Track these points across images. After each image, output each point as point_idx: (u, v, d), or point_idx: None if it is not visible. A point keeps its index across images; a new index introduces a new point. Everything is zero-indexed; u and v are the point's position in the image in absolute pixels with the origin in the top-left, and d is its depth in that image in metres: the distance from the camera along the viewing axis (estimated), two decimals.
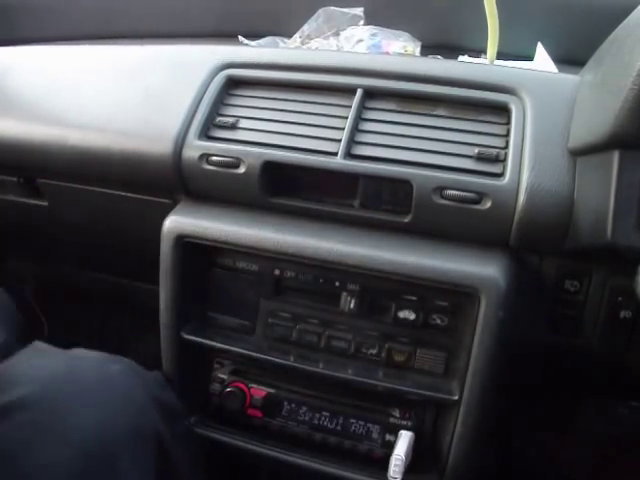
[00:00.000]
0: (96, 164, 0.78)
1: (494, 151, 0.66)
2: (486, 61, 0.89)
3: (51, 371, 0.64)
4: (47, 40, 1.09)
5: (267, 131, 0.72)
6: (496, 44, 0.87)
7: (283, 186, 0.72)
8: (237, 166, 0.71)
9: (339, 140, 0.69)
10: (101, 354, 0.69)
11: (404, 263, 0.66)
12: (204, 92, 0.76)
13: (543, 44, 0.92)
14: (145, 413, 0.65)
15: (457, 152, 0.67)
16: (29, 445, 0.57)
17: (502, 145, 0.67)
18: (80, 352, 0.69)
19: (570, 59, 0.87)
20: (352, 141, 0.69)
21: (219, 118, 0.75)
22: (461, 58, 0.92)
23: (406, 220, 0.68)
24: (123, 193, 0.82)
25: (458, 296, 0.66)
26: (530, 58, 0.91)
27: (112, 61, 0.88)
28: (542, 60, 0.89)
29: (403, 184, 0.67)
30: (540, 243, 0.65)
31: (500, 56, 0.89)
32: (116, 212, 0.86)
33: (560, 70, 0.86)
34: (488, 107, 0.69)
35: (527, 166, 0.64)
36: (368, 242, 0.68)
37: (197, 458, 0.75)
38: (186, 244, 0.73)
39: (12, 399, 0.59)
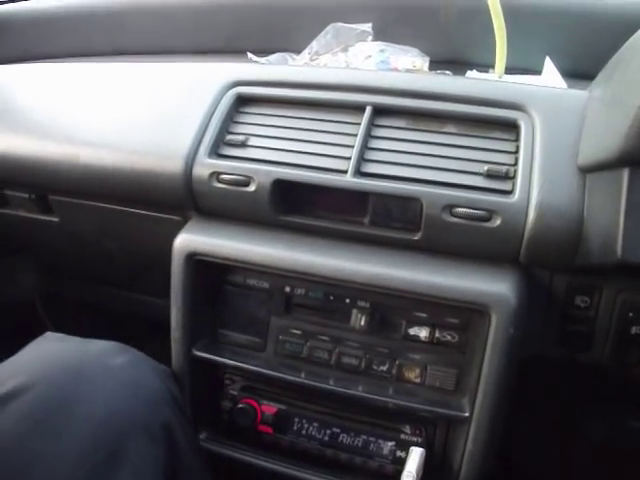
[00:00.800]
0: (107, 182, 0.79)
1: (503, 168, 0.66)
2: (494, 76, 0.89)
3: (52, 361, 0.63)
4: (56, 57, 1.09)
5: (277, 149, 0.73)
6: (504, 59, 0.88)
7: (293, 204, 0.72)
8: (247, 184, 0.72)
9: (349, 158, 0.69)
10: (110, 344, 0.68)
11: (414, 280, 0.66)
12: (214, 110, 0.76)
13: (551, 58, 0.92)
14: (153, 406, 0.65)
15: (466, 169, 0.67)
16: (25, 437, 0.56)
17: (511, 162, 0.67)
18: (89, 342, 0.68)
19: (578, 73, 0.87)
20: (362, 159, 0.69)
21: (229, 136, 0.75)
22: (469, 73, 0.92)
23: (416, 238, 0.68)
24: (134, 210, 0.82)
25: (469, 313, 0.66)
26: (538, 72, 0.91)
27: (123, 79, 0.89)
28: (550, 74, 0.90)
29: (413, 202, 0.67)
30: (550, 260, 0.65)
31: (508, 71, 0.89)
32: (127, 228, 0.86)
33: (568, 84, 0.86)
34: (497, 124, 0.69)
35: (537, 183, 0.64)
36: (378, 259, 0.68)
37: (207, 464, 0.74)
38: (197, 262, 0.73)
39: (7, 389, 0.58)
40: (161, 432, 0.63)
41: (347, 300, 0.71)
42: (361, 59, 0.95)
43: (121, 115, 0.82)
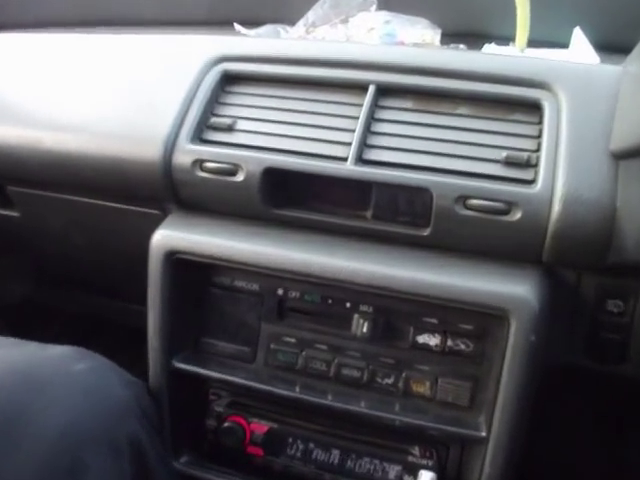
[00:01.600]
0: (74, 170, 0.79)
1: (524, 154, 0.66)
2: (515, 50, 0.90)
3: (4, 368, 0.64)
4: (20, 26, 1.09)
5: (268, 134, 0.73)
6: (527, 30, 0.88)
7: (287, 195, 0.73)
8: (235, 173, 0.72)
9: (349, 143, 0.70)
10: (69, 349, 0.69)
11: (423, 281, 0.66)
12: (197, 89, 0.77)
13: (581, 28, 0.92)
14: (118, 417, 0.65)
15: (482, 156, 0.67)
16: None
17: (534, 148, 0.67)
18: (46, 347, 0.69)
19: (613, 45, 0.87)
20: (364, 144, 0.70)
21: (214, 119, 0.76)
22: (487, 47, 0.92)
23: (425, 233, 0.68)
24: (106, 203, 0.82)
25: (485, 318, 0.67)
26: (566, 45, 0.91)
27: (93, 52, 0.89)
28: (580, 47, 0.89)
29: (421, 193, 0.67)
30: (577, 258, 0.65)
31: (531, 44, 0.89)
32: (98, 225, 0.86)
33: (601, 59, 0.85)
34: (518, 104, 0.70)
35: (562, 171, 0.64)
36: (382, 258, 0.69)
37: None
38: (178, 261, 0.73)
39: None
40: (128, 446, 0.65)
41: (347, 304, 0.71)
42: (363, 32, 0.95)
43: (91, 94, 0.83)
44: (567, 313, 0.68)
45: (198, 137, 0.75)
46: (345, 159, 0.69)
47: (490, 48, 0.92)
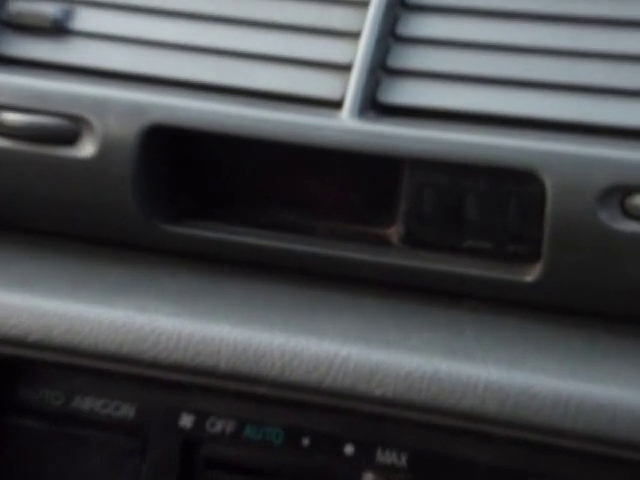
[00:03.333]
0: None
1: None
2: None
3: None
4: None
5: (154, 43, 0.71)
6: None
7: (199, 193, 0.70)
8: (73, 138, 0.67)
9: (346, 67, 0.66)
10: None
11: (526, 389, 0.59)
12: None
13: None
14: None
15: None
16: None
17: None
18: None
19: None
20: (382, 68, 0.67)
21: (17, 2, 0.75)
22: None
23: (529, 278, 0.64)
24: None
25: None
26: None
27: None
28: None
29: (519, 183, 0.63)
30: None
31: None
32: None
33: None
34: None
35: None
36: (427, 337, 0.64)
37: None
38: None
39: None
40: None
41: (348, 448, 0.66)
42: None
43: None
44: None
45: None
46: (338, 104, 0.66)
47: None
